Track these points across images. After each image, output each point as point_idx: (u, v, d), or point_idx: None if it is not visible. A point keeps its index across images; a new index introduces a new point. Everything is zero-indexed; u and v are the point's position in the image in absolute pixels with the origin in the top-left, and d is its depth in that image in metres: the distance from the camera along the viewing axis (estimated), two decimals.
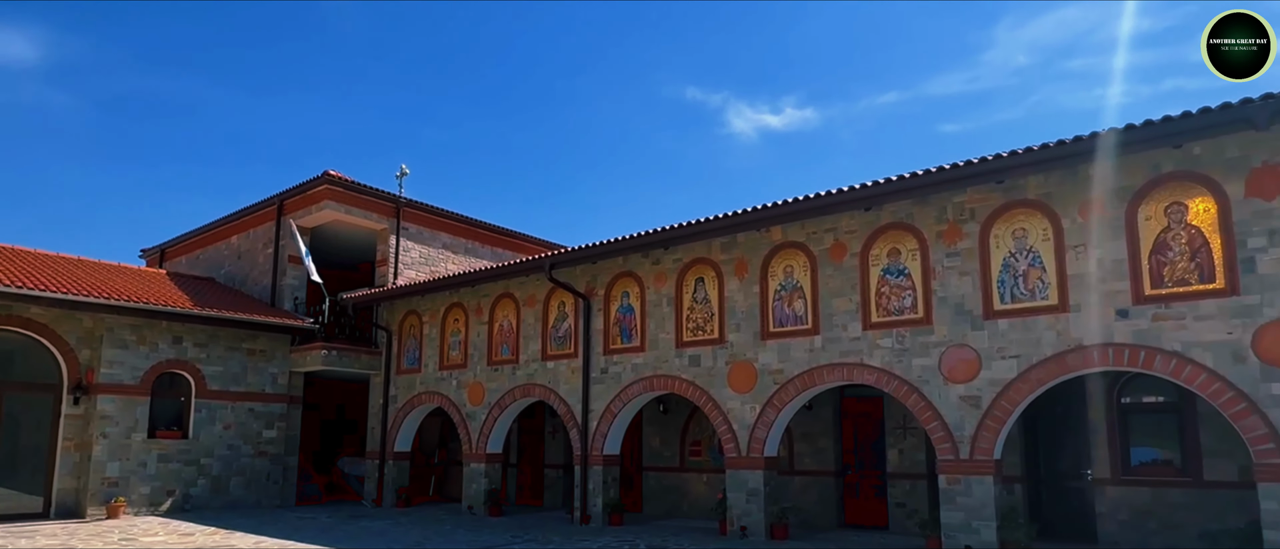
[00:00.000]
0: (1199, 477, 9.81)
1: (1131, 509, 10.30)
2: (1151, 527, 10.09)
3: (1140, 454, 10.44)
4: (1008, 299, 9.72)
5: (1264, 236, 8.18)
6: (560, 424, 16.11)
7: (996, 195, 9.98)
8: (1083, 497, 10.88)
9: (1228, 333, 8.17)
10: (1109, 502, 10.45)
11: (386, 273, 18.30)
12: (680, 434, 15.15)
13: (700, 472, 14.69)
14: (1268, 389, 7.85)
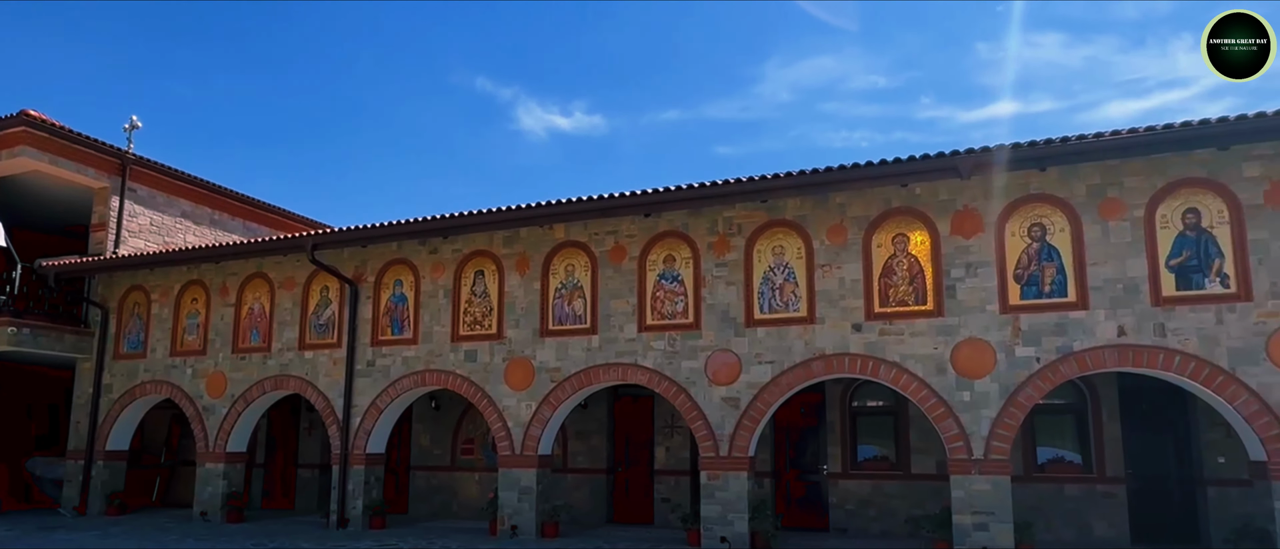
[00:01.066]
0: (908, 470, 11.73)
1: (857, 499, 11.99)
2: (871, 514, 11.84)
3: (865, 451, 12.26)
4: (766, 309, 10.80)
5: (963, 269, 9.91)
6: (319, 420, 15.06)
7: (761, 213, 11.02)
8: (819, 489, 12.49)
9: (934, 348, 9.82)
10: (839, 493, 12.12)
11: (105, 239, 15.74)
12: (453, 432, 14.88)
13: (472, 471, 14.55)
14: (961, 396, 9.58)
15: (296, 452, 16.50)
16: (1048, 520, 10.94)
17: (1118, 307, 9.17)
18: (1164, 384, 9.70)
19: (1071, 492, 11.06)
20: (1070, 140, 9.01)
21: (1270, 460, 8.33)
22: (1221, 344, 8.70)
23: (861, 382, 11.39)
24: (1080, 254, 9.44)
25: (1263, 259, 8.73)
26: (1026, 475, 11.15)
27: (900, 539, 11.21)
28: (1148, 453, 11.04)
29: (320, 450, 15.95)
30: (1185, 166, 9.18)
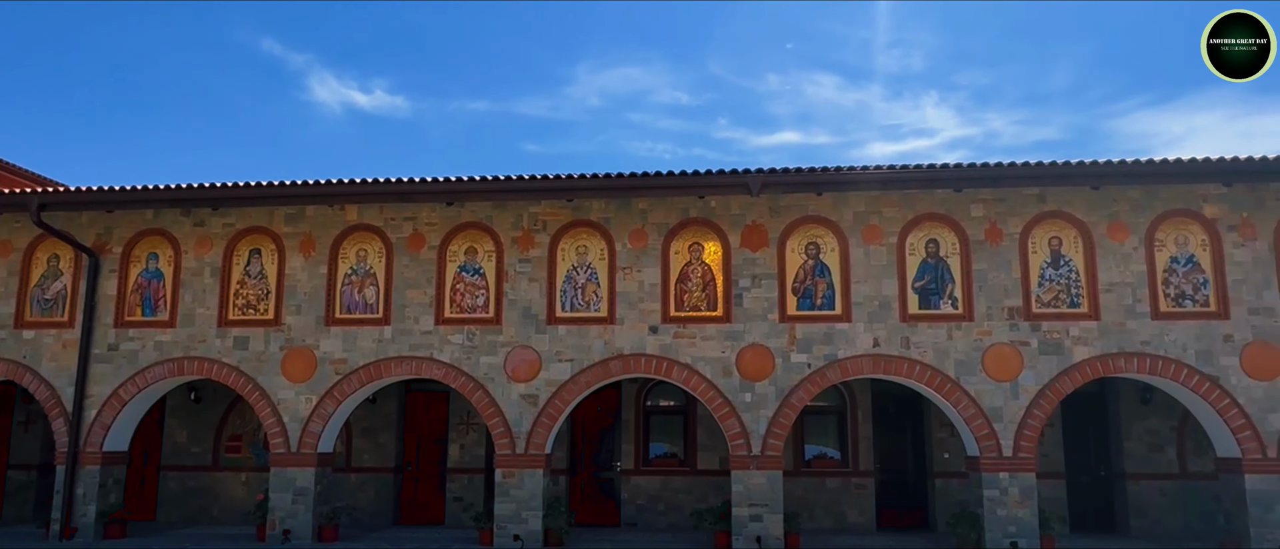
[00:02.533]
0: (695, 466, 12.60)
1: (647, 495, 12.66)
2: (660, 509, 12.56)
3: (656, 448, 12.96)
4: (568, 307, 11.00)
5: (749, 279, 10.80)
6: (40, 412, 12.77)
7: (567, 212, 11.17)
8: (613, 485, 12.97)
9: (722, 352, 10.63)
10: (631, 489, 12.71)
11: None
12: (216, 428, 13.39)
13: (239, 471, 13.21)
14: (743, 397, 10.47)
15: (7, 452, 13.89)
16: (811, 511, 12.31)
17: (874, 321, 10.53)
18: (905, 389, 11.29)
19: (831, 484, 12.59)
20: (842, 169, 10.16)
21: (982, 455, 10.09)
22: (950, 356, 10.35)
23: (656, 381, 12.00)
24: (847, 272, 10.70)
25: (982, 286, 10.48)
26: (795, 470, 12.47)
27: (685, 532, 11.99)
28: (892, 450, 12.83)
29: (41, 449, 13.59)
30: (929, 203, 10.73)
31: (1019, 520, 9.87)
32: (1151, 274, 10.30)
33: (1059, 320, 10.31)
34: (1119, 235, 10.41)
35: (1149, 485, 12.00)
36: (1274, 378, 9.90)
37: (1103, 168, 9.75)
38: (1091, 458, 12.49)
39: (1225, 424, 9.89)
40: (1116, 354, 10.14)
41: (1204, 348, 10.05)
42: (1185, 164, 9.68)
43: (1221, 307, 10.14)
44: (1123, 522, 12.06)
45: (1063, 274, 10.46)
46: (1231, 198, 10.32)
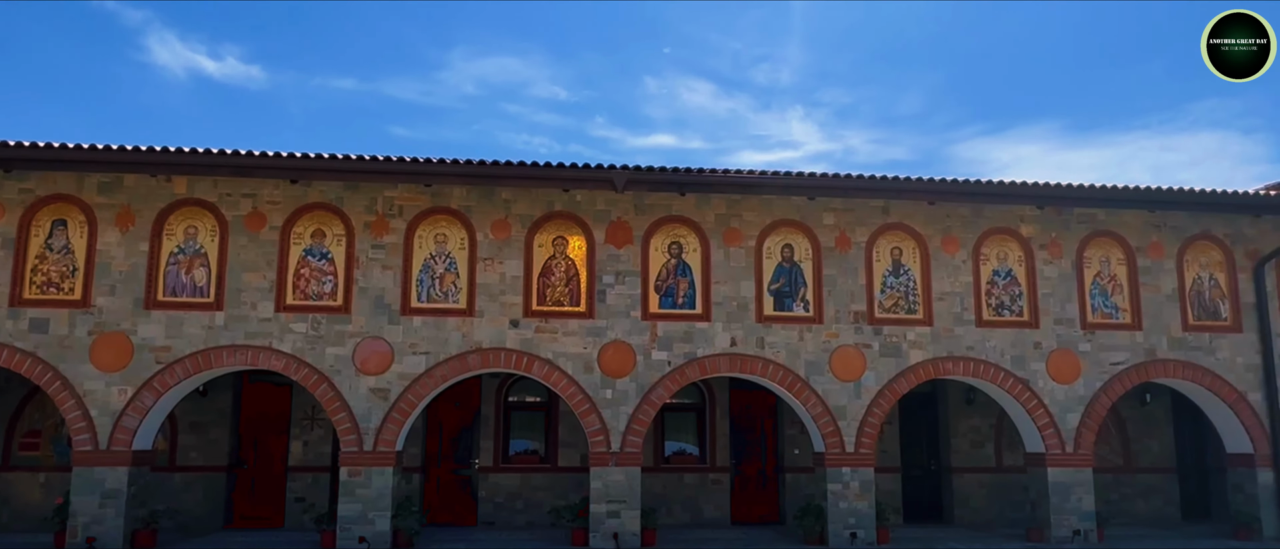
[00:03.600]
0: (556, 463, 12.42)
1: (506, 492, 12.34)
2: (519, 506, 12.29)
3: (517, 445, 12.66)
4: (424, 298, 10.51)
5: (613, 276, 10.79)
6: None
7: (425, 198, 10.68)
8: (470, 483, 12.51)
9: (584, 348, 10.54)
10: (489, 486, 12.34)
11: None
12: (9, 422, 11.67)
13: (36, 471, 11.58)
14: (604, 394, 10.44)
15: None
16: (669, 506, 12.50)
17: (732, 321, 10.84)
18: (761, 387, 11.70)
19: (689, 480, 12.85)
20: (704, 171, 10.33)
21: (827, 451, 10.64)
22: (801, 357, 10.83)
23: (517, 377, 11.73)
24: (708, 273, 10.94)
25: (831, 291, 11.06)
26: (655, 466, 12.62)
27: (543, 530, 11.80)
28: (747, 446, 13.24)
29: None
30: (786, 209, 11.19)
31: (859, 512, 10.51)
32: (977, 285, 11.28)
33: (898, 325, 11.06)
34: (951, 248, 11.31)
35: (971, 478, 13.20)
36: (1073, 382, 11.14)
37: (937, 185, 10.54)
38: (924, 453, 13.54)
39: (1033, 423, 11.02)
40: (946, 358, 11.03)
41: (1018, 354, 11.14)
42: (1005, 186, 10.66)
43: (1033, 317, 11.27)
44: (949, 512, 13.16)
45: (903, 282, 11.23)
46: (1043, 219, 11.49)
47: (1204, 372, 11.34)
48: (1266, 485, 11.22)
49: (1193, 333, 11.45)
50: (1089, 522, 10.82)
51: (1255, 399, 11.36)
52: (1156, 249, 11.57)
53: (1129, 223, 11.58)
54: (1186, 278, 11.59)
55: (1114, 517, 12.23)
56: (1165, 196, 10.90)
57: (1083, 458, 10.99)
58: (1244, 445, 11.37)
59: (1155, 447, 13.68)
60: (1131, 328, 11.38)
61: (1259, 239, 11.69)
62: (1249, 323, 11.53)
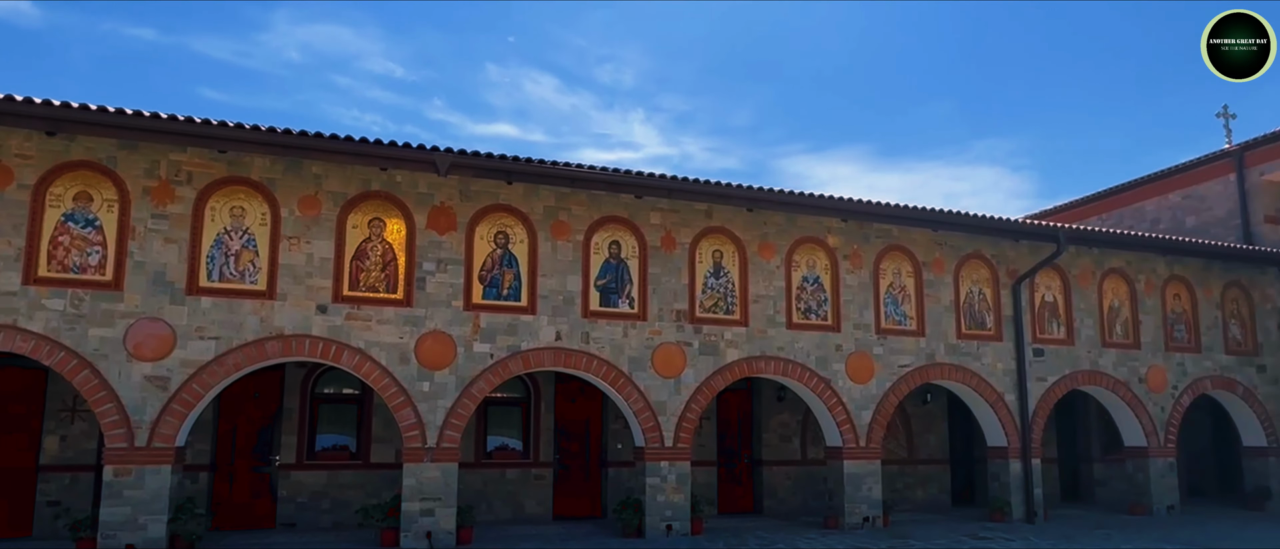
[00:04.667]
0: (368, 459, 11.48)
1: (310, 491, 11.26)
2: (325, 506, 11.24)
3: (325, 440, 11.55)
4: (216, 277, 9.36)
5: (434, 263, 10.23)
6: None
7: (220, 166, 9.54)
8: (270, 482, 11.25)
9: (400, 337, 9.89)
10: (291, 485, 11.17)
11: None
12: None
13: None
14: (421, 386, 9.84)
15: None
16: (489, 502, 12.04)
17: (557, 315, 10.65)
18: (586, 382, 11.58)
19: (512, 475, 12.44)
20: (532, 161, 10.04)
21: (647, 446, 10.73)
22: (625, 353, 10.87)
23: (327, 367, 10.75)
24: (534, 265, 10.69)
25: (656, 289, 11.21)
26: (476, 462, 12.10)
27: (350, 531, 10.92)
28: (571, 440, 13.05)
29: None
30: (614, 206, 11.21)
31: (675, 505, 10.70)
32: (788, 290, 11.94)
33: (716, 325, 11.44)
34: (767, 254, 11.90)
35: (780, 471, 13.96)
36: (867, 382, 12.11)
37: (754, 192, 11.02)
38: (738, 447, 14.11)
39: (833, 419, 11.84)
40: (759, 357, 11.56)
41: (822, 355, 11.92)
42: (814, 198, 11.37)
43: (835, 321, 12.12)
44: (759, 502, 13.82)
45: (722, 284, 11.64)
46: (847, 232, 12.41)
47: (972, 374, 12.78)
48: (1017, 474, 12.85)
49: (964, 340, 12.87)
50: (877, 509, 11.81)
51: (1011, 400, 12.99)
52: (939, 265, 12.89)
53: (917, 240, 12.80)
54: (961, 291, 13.02)
55: (898, 504, 13.48)
56: (946, 218, 12.17)
57: (873, 451, 11.97)
58: (1000, 440, 12.95)
59: (933, 440, 15.27)
60: (917, 334, 12.58)
61: (1018, 260, 13.38)
62: (1008, 333, 13.15)
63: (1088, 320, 13.80)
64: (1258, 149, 16.17)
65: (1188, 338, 14.58)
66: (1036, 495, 12.85)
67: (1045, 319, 13.56)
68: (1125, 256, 14.16)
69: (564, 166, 10.27)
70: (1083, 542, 10.79)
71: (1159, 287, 14.46)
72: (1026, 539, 10.95)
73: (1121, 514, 13.89)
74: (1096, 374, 13.67)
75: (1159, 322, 14.34)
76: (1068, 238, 12.93)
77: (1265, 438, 14.77)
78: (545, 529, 11.53)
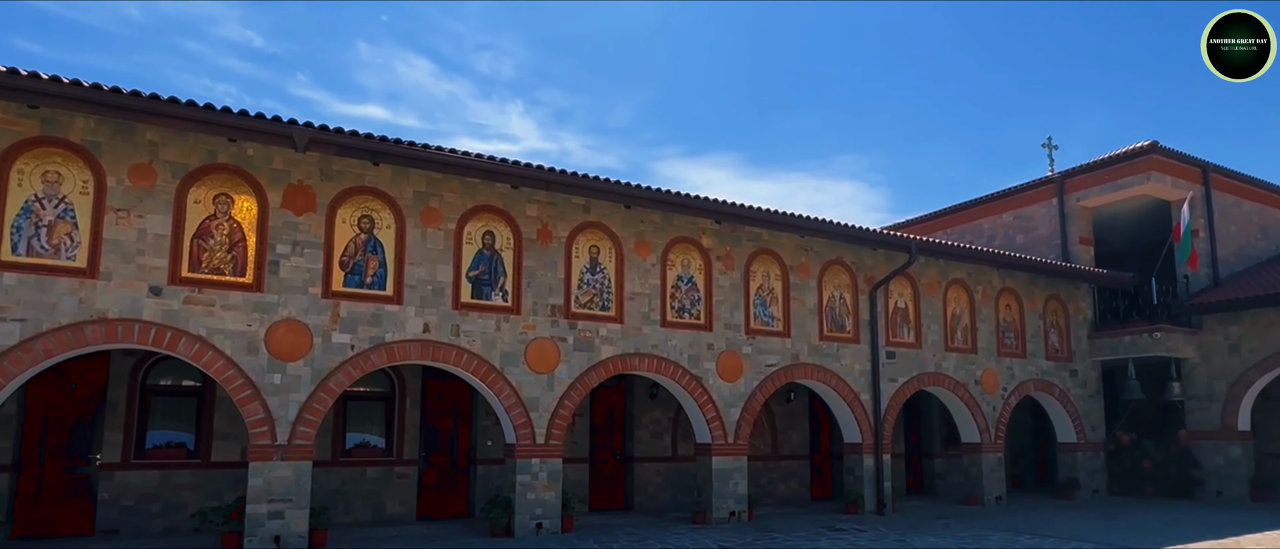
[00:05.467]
0: (208, 458, 10.28)
1: (139, 493, 10.01)
2: (155, 510, 10.01)
3: (158, 437, 10.25)
4: (23, 250, 8.11)
5: (289, 246, 9.40)
6: None
7: (31, 124, 8.33)
8: (89, 483, 9.83)
9: (248, 325, 8.97)
10: (115, 487, 9.87)
11: None
12: None
13: None
14: (271, 379, 8.96)
15: None
16: (347, 503, 11.21)
17: (426, 306, 10.08)
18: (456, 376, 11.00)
19: (373, 474, 11.62)
20: (402, 143, 9.45)
21: (518, 443, 10.34)
22: (497, 347, 10.44)
23: (162, 356, 9.55)
24: (402, 253, 10.06)
25: (531, 282, 10.87)
26: (333, 460, 11.23)
27: (185, 536, 9.80)
28: (439, 437, 12.39)
29: None
30: (489, 195, 10.78)
31: (546, 503, 10.38)
32: (663, 288, 11.95)
33: (592, 321, 11.25)
34: (643, 252, 11.85)
35: (651, 467, 13.96)
36: (737, 380, 12.32)
37: (632, 189, 10.94)
38: (610, 444, 13.94)
39: (703, 416, 11.95)
40: (634, 354, 11.47)
41: (694, 353, 12.01)
42: (691, 199, 11.42)
43: (708, 321, 12.26)
44: (630, 499, 13.75)
45: (598, 279, 11.47)
46: (720, 233, 12.61)
47: (832, 374, 13.32)
48: (869, 469, 13.52)
49: (826, 342, 13.40)
50: (742, 504, 12.04)
51: (866, 399, 13.65)
52: (805, 269, 13.36)
53: (786, 245, 13.21)
54: (824, 295, 13.56)
55: (762, 498, 13.84)
56: (812, 225, 12.62)
57: (740, 448, 12.20)
58: (856, 436, 13.58)
59: (795, 437, 15.82)
60: (783, 335, 12.96)
61: (875, 268, 14.12)
62: (864, 336, 13.83)
63: (933, 326, 14.78)
64: (1075, 178, 18.01)
65: (1016, 344, 15.95)
66: (887, 489, 13.57)
67: (897, 324, 14.39)
68: (966, 268, 15.30)
69: (437, 150, 9.74)
70: (925, 530, 11.47)
71: (993, 297, 15.74)
72: (876, 529, 11.50)
73: (959, 505, 14.96)
74: (940, 376, 14.66)
75: (993, 329, 15.60)
76: (918, 249, 13.78)
77: (1076, 435, 16.41)
78: (408, 530, 10.87)
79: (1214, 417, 16.09)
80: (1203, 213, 17.48)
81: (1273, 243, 19.11)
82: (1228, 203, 18.25)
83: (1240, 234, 18.42)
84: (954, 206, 20.54)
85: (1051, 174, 18.63)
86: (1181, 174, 17.33)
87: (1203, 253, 17.30)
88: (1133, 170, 17.00)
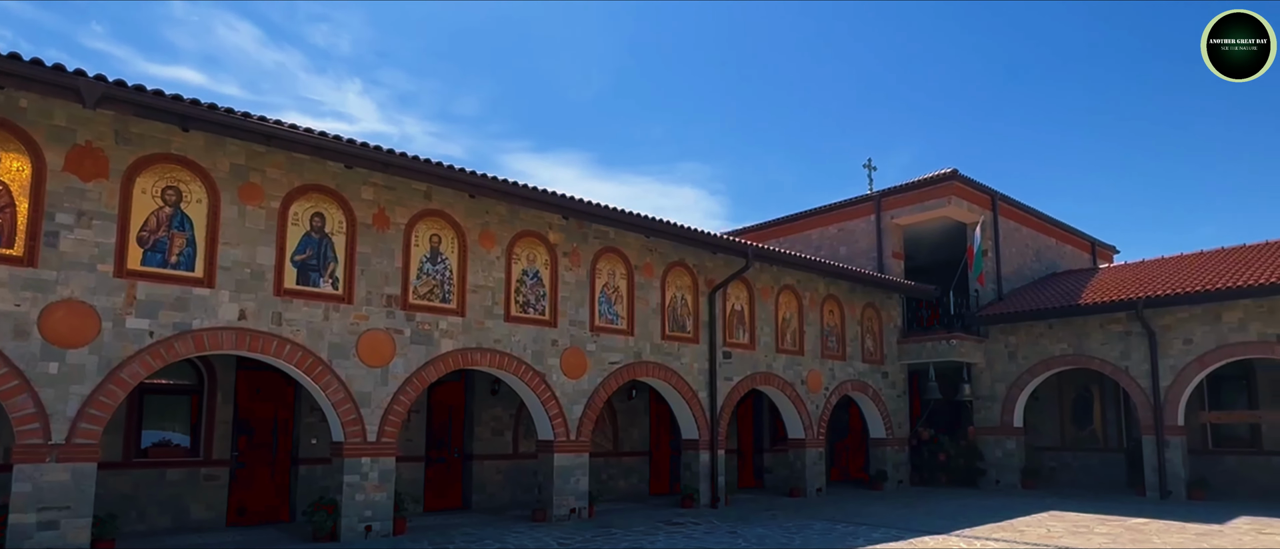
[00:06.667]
0: None
1: None
2: None
3: None
4: None
5: (73, 215, 8.10)
6: None
7: None
8: None
9: (17, 305, 7.59)
10: None
11: None
12: None
13: None
14: (46, 368, 7.62)
15: None
16: (142, 509, 9.86)
17: (243, 290, 9.06)
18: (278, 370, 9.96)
19: (174, 476, 10.24)
20: (217, 109, 8.43)
21: (347, 440, 9.51)
22: (325, 338, 9.58)
23: None
24: (215, 230, 8.99)
25: (365, 270, 10.10)
26: (125, 461, 9.78)
27: None
28: (256, 435, 11.16)
29: None
30: (320, 174, 9.92)
31: (376, 504, 9.61)
32: (508, 282, 11.54)
33: (431, 313, 10.63)
34: (488, 244, 11.39)
35: (491, 465, 13.43)
36: (580, 377, 12.14)
37: (479, 179, 10.46)
38: (449, 442, 13.22)
39: (546, 413, 11.64)
40: (475, 349, 10.97)
41: (538, 349, 11.68)
42: (539, 192, 11.10)
43: (553, 317, 11.99)
44: (468, 498, 13.14)
45: (439, 270, 10.87)
46: (567, 230, 12.40)
47: (672, 373, 13.49)
48: (705, 464, 13.80)
49: (668, 341, 13.55)
50: (583, 500, 11.85)
51: (703, 397, 13.94)
52: (649, 269, 13.45)
53: (631, 244, 13.23)
54: (667, 295, 13.72)
55: (603, 494, 13.73)
56: (657, 226, 12.72)
57: (583, 444, 12.01)
58: (693, 433, 13.82)
59: (636, 433, 15.87)
60: (627, 333, 12.95)
61: (715, 271, 14.50)
62: (704, 336, 14.14)
63: (766, 328, 15.40)
64: (889, 197, 19.56)
65: (837, 348, 17.00)
66: (721, 483, 13.91)
67: (734, 326, 14.85)
68: (797, 275, 16.10)
69: (259, 120, 8.79)
70: (754, 521, 11.86)
71: (819, 303, 16.68)
72: (710, 522, 11.73)
73: (784, 496, 15.65)
74: (771, 376, 15.29)
75: (818, 332, 16.52)
76: (754, 254, 14.30)
77: (885, 431, 17.73)
78: (217, 538, 9.72)
79: (995, 415, 17.98)
80: (992, 235, 19.57)
81: (1044, 264, 21.77)
82: (1011, 228, 20.57)
83: (1019, 255, 20.82)
84: (787, 217, 21.66)
85: (870, 193, 20.12)
86: (976, 200, 19.31)
87: (990, 271, 19.36)
88: (936, 194, 18.72)
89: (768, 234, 21.87)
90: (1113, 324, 16.33)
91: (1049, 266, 21.85)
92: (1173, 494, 15.09)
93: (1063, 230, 22.84)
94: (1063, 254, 22.75)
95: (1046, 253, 22.05)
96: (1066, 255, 22.88)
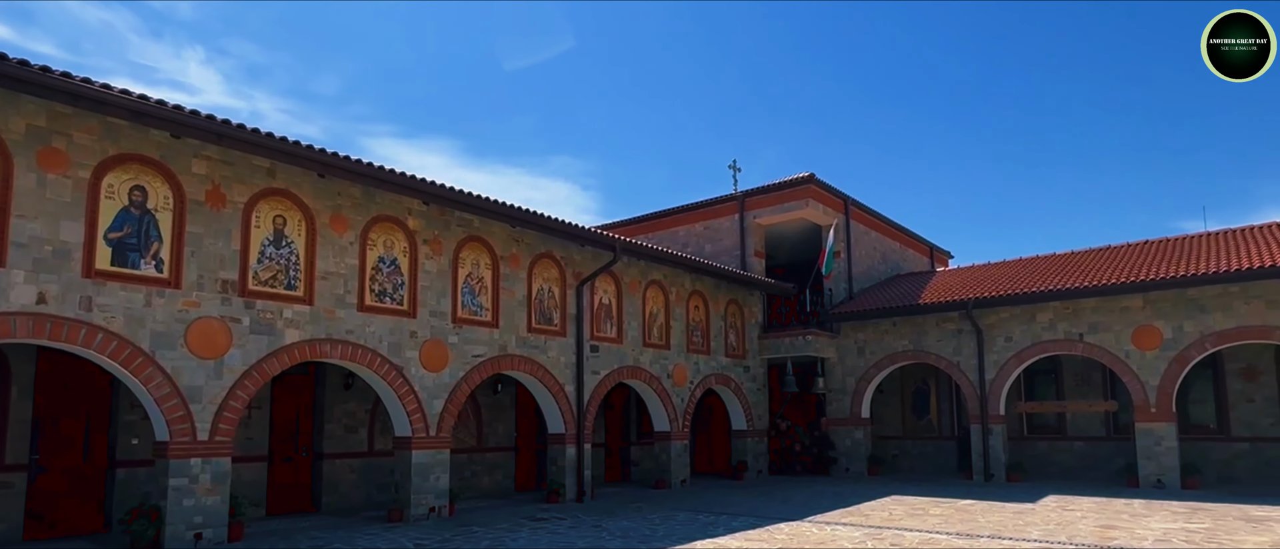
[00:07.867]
0: None
1: None
2: None
3: None
4: None
5: None
6: None
7: None
8: None
9: None
10: None
11: None
12: None
13: None
14: None
15: None
16: None
17: (43, 271, 7.86)
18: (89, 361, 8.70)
19: None
20: (9, 59, 7.32)
21: (173, 440, 8.44)
22: (147, 326, 8.49)
23: None
24: (6, 201, 7.76)
25: (196, 252, 9.07)
26: None
27: None
28: (59, 435, 9.71)
29: None
30: (142, 143, 8.82)
31: (207, 509, 8.59)
32: (362, 269, 10.76)
33: (274, 300, 9.71)
34: (340, 228, 10.58)
35: (343, 464, 12.46)
36: (441, 370, 11.50)
37: (328, 157, 9.70)
38: (296, 439, 12.15)
39: (403, 408, 10.93)
40: (325, 340, 10.13)
41: (395, 341, 10.96)
42: (396, 174, 10.42)
43: (412, 307, 11.30)
44: (318, 499, 12.16)
45: (284, 254, 9.96)
46: (428, 216, 11.75)
47: (539, 366, 13.09)
48: (572, 459, 13.50)
49: (534, 334, 13.14)
50: (444, 498, 11.23)
51: (570, 390, 13.64)
52: (515, 260, 13.00)
53: (497, 234, 12.74)
54: (534, 288, 13.31)
55: (465, 491, 13.10)
56: (524, 216, 12.33)
57: (443, 440, 11.38)
58: (560, 427, 13.48)
59: (501, 428, 15.28)
60: (492, 326, 12.44)
61: (583, 264, 14.24)
62: (571, 330, 13.84)
63: (634, 322, 15.32)
64: (753, 197, 20.09)
65: (702, 342, 17.20)
66: (587, 477, 13.65)
67: (601, 319, 14.65)
68: (664, 270, 16.14)
69: (62, 77, 7.65)
70: (620, 515, 11.71)
71: (685, 298, 16.82)
72: (575, 517, 11.46)
73: (650, 489, 15.61)
74: (638, 370, 15.21)
75: (684, 327, 16.64)
76: (622, 249, 14.18)
77: (747, 423, 18.12)
78: None
79: (846, 406, 18.83)
80: (844, 237, 20.54)
81: (890, 266, 23.13)
82: (861, 231, 21.69)
83: (868, 257, 21.99)
84: (656, 213, 21.77)
85: (735, 193, 20.58)
86: (830, 203, 20.20)
87: (841, 271, 20.30)
88: (795, 196, 19.42)
89: (637, 229, 21.89)
90: (947, 323, 17.52)
91: (894, 268, 23.22)
92: (995, 477, 16.35)
93: (906, 235, 24.36)
94: (906, 257, 24.27)
95: (892, 255, 23.43)
96: (909, 258, 24.43)
